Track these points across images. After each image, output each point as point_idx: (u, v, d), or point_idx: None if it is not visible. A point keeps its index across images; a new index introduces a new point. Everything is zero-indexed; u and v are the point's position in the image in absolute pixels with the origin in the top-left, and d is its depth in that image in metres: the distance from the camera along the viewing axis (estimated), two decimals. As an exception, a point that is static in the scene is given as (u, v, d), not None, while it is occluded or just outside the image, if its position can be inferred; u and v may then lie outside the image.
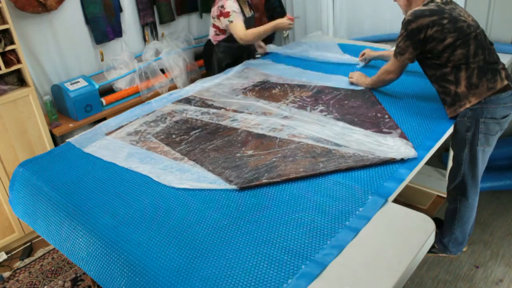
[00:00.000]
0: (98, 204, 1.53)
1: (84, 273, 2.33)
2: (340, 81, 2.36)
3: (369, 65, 2.57)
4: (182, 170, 1.66)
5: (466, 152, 1.85)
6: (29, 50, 2.63)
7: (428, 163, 1.87)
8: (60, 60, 2.79)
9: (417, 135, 1.75)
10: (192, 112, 2.18)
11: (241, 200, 1.46)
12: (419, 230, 1.27)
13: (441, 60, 1.79)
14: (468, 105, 1.77)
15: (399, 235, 1.26)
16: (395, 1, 1.98)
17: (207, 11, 3.60)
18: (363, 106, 2.03)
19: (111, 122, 2.17)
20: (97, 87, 2.72)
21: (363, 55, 2.56)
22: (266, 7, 3.46)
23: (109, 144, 1.94)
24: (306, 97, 2.21)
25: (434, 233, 1.27)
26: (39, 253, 2.54)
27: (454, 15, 1.75)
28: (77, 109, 2.64)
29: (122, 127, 2.11)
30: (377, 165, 1.57)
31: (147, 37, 3.24)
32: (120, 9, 3.01)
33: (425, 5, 1.80)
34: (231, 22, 2.56)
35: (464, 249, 2.19)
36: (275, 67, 2.72)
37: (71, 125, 2.64)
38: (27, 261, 2.48)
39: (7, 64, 2.32)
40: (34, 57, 2.67)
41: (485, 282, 2.03)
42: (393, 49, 2.14)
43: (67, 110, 2.71)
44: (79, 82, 2.70)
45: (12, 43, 2.30)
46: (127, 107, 2.83)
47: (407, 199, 2.54)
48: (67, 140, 2.03)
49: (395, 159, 1.57)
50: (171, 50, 3.15)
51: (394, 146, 1.65)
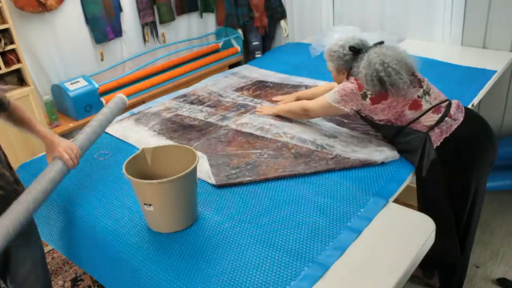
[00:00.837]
0: (97, 207, 1.52)
1: (84, 273, 2.33)
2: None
3: None
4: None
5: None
6: (29, 49, 2.63)
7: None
8: (60, 60, 2.79)
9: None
10: (185, 109, 2.19)
11: (242, 201, 1.46)
12: (419, 230, 1.27)
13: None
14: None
15: (399, 235, 1.26)
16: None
17: (207, 11, 3.60)
18: None
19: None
20: (97, 87, 2.72)
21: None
22: (266, 7, 3.46)
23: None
24: None
25: (434, 233, 1.27)
26: (39, 253, 2.53)
27: None
28: (77, 109, 2.64)
29: (116, 122, 2.12)
30: (377, 166, 1.57)
31: (147, 37, 3.24)
32: (120, 9, 3.01)
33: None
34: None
35: None
36: (274, 66, 2.72)
37: (71, 125, 2.64)
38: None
39: (7, 63, 2.32)
40: (34, 57, 2.67)
41: (485, 282, 2.03)
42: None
43: (67, 110, 2.71)
44: (79, 82, 2.70)
45: (12, 42, 2.30)
46: (127, 107, 2.82)
47: (407, 199, 2.54)
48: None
49: (376, 161, 1.57)
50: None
51: (378, 148, 1.65)
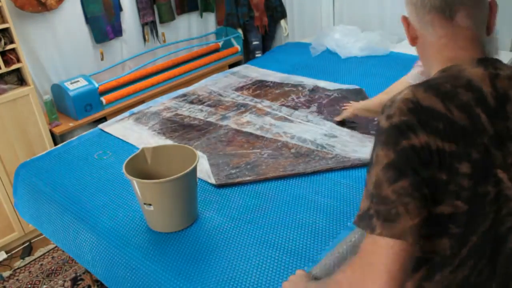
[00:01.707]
0: (98, 206, 1.52)
1: (84, 273, 2.33)
2: (337, 82, 2.36)
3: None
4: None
5: None
6: (29, 49, 2.63)
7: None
8: (60, 59, 2.79)
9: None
10: (185, 109, 2.19)
11: (242, 201, 1.46)
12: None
13: None
14: None
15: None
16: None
17: (207, 11, 3.60)
18: None
19: (110, 121, 2.18)
20: (97, 86, 2.72)
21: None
22: (266, 6, 3.46)
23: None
24: (301, 96, 2.21)
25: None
26: (39, 253, 2.53)
27: (491, 156, 0.71)
28: (77, 109, 2.64)
29: (116, 122, 2.12)
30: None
31: (147, 36, 3.23)
32: (120, 8, 3.00)
33: (436, 85, 0.73)
34: None
35: None
36: (274, 66, 2.72)
37: (71, 124, 2.63)
38: (27, 259, 2.48)
39: (7, 63, 2.32)
40: (34, 56, 2.66)
41: (485, 282, 2.03)
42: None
43: (67, 109, 2.70)
44: (79, 81, 2.69)
45: (12, 42, 2.29)
46: (127, 106, 2.83)
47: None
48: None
49: None
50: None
51: None
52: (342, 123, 1.87)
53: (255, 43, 3.56)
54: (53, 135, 2.60)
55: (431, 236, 0.73)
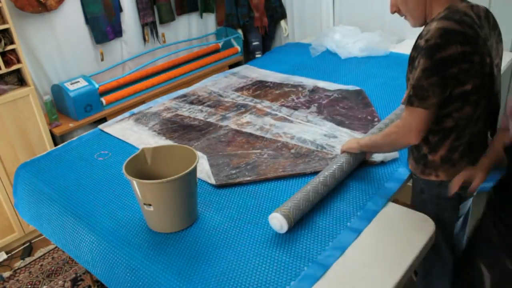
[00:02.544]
0: (98, 206, 1.52)
1: (84, 273, 2.33)
2: (337, 82, 2.36)
3: None
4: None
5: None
6: (29, 50, 2.63)
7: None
8: (60, 60, 2.79)
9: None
10: (185, 109, 2.19)
11: (242, 201, 1.46)
12: (419, 230, 1.27)
13: (442, 110, 1.25)
14: (433, 178, 1.38)
15: (399, 235, 1.26)
16: (394, 12, 1.36)
17: (207, 11, 3.60)
18: (355, 107, 2.03)
19: (110, 121, 2.18)
20: (97, 87, 2.72)
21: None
22: (266, 7, 3.46)
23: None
24: (300, 97, 2.21)
25: (434, 233, 1.27)
26: (39, 253, 2.53)
27: (485, 51, 1.22)
28: (77, 109, 2.64)
29: (116, 122, 2.12)
30: (377, 165, 1.57)
31: (147, 37, 3.23)
32: (120, 9, 3.01)
33: (451, 18, 1.17)
34: None
35: None
36: (274, 66, 2.72)
37: (71, 125, 2.64)
38: (27, 260, 2.48)
39: (7, 63, 2.32)
40: (34, 57, 2.67)
41: (485, 282, 2.02)
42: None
43: (67, 109, 2.71)
44: (79, 82, 2.69)
45: (12, 42, 2.30)
46: (127, 106, 2.83)
47: (407, 199, 2.54)
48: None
49: (375, 161, 1.57)
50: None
51: None
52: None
53: (255, 43, 3.56)
54: (53, 135, 2.60)
55: (461, 107, 1.23)
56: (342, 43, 2.81)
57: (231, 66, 3.49)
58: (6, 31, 2.28)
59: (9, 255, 2.54)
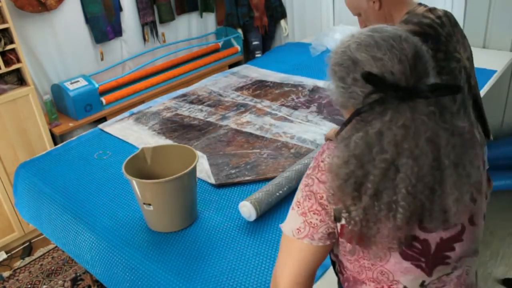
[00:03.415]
0: (98, 206, 1.52)
1: (84, 273, 2.33)
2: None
3: None
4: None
5: None
6: (29, 49, 2.63)
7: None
8: (60, 59, 2.79)
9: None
10: (185, 109, 2.19)
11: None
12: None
13: None
14: None
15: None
16: (356, 14, 1.40)
17: (207, 11, 3.60)
18: None
19: (110, 121, 2.18)
20: (97, 86, 2.72)
21: None
22: (266, 7, 3.46)
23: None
24: (300, 96, 2.21)
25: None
26: (39, 253, 2.53)
27: (449, 48, 1.30)
28: (77, 109, 2.64)
29: (116, 122, 2.12)
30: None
31: (147, 36, 3.23)
32: (120, 9, 3.00)
33: (410, 21, 1.27)
34: None
35: None
36: (274, 66, 2.72)
37: (71, 124, 2.64)
38: (27, 259, 2.48)
39: (7, 63, 2.32)
40: (34, 56, 2.66)
41: (485, 282, 2.03)
42: None
43: (67, 109, 2.71)
44: (79, 81, 2.69)
45: (12, 42, 2.29)
46: (127, 106, 2.83)
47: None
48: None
49: None
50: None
51: None
52: None
53: (255, 43, 3.56)
54: (53, 135, 2.60)
55: None
56: (342, 43, 2.81)
57: (231, 65, 3.49)
58: (6, 31, 2.27)
59: (9, 254, 2.54)
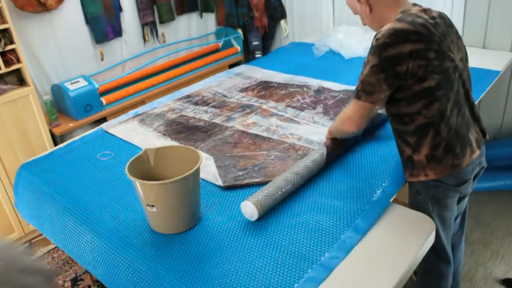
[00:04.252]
0: (100, 207, 1.52)
1: (84, 273, 2.33)
2: (341, 82, 2.36)
3: None
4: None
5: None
6: (29, 49, 2.63)
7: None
8: (60, 59, 2.79)
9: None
10: (190, 110, 2.18)
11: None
12: (419, 230, 1.28)
13: (410, 108, 1.31)
14: (422, 178, 1.39)
15: (399, 235, 1.27)
16: (356, 14, 1.47)
17: (207, 11, 3.60)
18: None
19: (113, 121, 2.18)
20: (97, 86, 2.72)
21: None
22: (266, 7, 3.46)
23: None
24: (306, 97, 2.21)
25: (434, 233, 1.28)
26: (39, 253, 2.53)
27: (443, 47, 1.29)
28: (77, 109, 2.64)
29: (120, 123, 2.12)
30: (378, 165, 1.57)
31: (147, 36, 3.23)
32: (120, 9, 3.00)
33: (403, 20, 1.27)
34: None
35: None
36: (278, 66, 2.71)
37: (71, 124, 2.63)
38: (27, 261, 2.48)
39: (7, 63, 2.31)
40: (34, 56, 2.66)
41: (485, 282, 2.04)
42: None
43: (67, 109, 2.70)
44: (79, 81, 2.69)
45: (12, 42, 2.29)
46: (127, 106, 2.83)
47: (407, 199, 2.54)
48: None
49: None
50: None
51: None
52: None
53: (255, 43, 3.56)
54: (53, 135, 2.60)
55: (428, 104, 1.28)
56: (346, 43, 2.80)
57: (231, 66, 3.49)
58: (6, 31, 2.27)
59: (9, 255, 2.54)
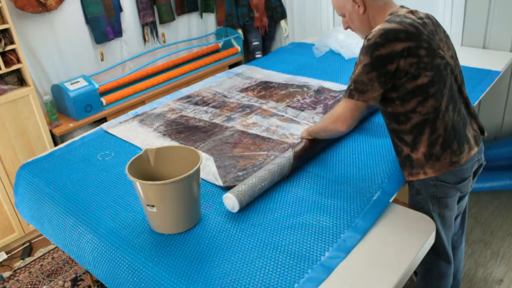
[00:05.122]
0: (100, 207, 1.52)
1: (84, 273, 2.33)
2: (341, 82, 2.36)
3: None
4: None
5: None
6: (29, 50, 2.63)
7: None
8: (60, 60, 2.79)
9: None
10: (190, 110, 2.18)
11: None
12: (419, 230, 1.28)
13: (405, 106, 1.33)
14: (421, 177, 1.40)
15: (399, 235, 1.27)
16: (342, 15, 1.49)
17: (207, 11, 3.60)
18: None
19: (113, 121, 2.18)
20: (97, 87, 2.72)
21: None
22: (266, 7, 3.46)
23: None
24: (306, 97, 2.21)
25: (434, 233, 1.28)
26: (39, 253, 2.53)
27: (433, 45, 1.31)
28: (77, 109, 2.64)
29: (120, 123, 2.12)
30: (378, 165, 1.57)
31: (147, 37, 3.23)
32: (120, 9, 3.00)
33: (392, 20, 1.30)
34: None
35: None
36: (278, 67, 2.72)
37: (71, 125, 2.64)
38: (27, 260, 2.48)
39: (7, 63, 2.32)
40: (34, 57, 2.66)
41: (485, 282, 2.04)
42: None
43: (67, 110, 2.71)
44: (79, 82, 2.69)
45: (12, 42, 2.29)
46: (127, 106, 2.83)
47: (407, 199, 2.54)
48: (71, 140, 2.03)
49: None
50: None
51: None
52: None
53: (255, 43, 3.57)
54: (53, 135, 2.60)
55: (423, 101, 1.30)
56: (346, 43, 2.80)
57: (231, 66, 3.50)
58: (6, 31, 2.27)
59: (9, 255, 2.54)
